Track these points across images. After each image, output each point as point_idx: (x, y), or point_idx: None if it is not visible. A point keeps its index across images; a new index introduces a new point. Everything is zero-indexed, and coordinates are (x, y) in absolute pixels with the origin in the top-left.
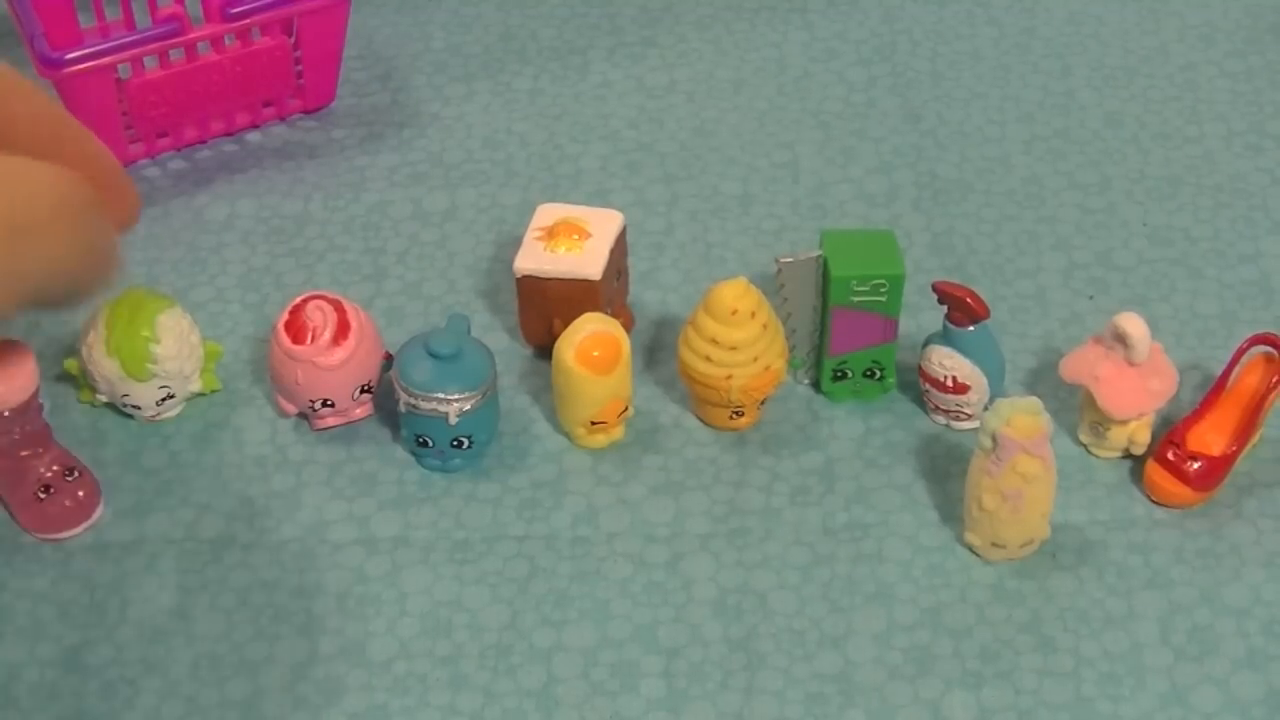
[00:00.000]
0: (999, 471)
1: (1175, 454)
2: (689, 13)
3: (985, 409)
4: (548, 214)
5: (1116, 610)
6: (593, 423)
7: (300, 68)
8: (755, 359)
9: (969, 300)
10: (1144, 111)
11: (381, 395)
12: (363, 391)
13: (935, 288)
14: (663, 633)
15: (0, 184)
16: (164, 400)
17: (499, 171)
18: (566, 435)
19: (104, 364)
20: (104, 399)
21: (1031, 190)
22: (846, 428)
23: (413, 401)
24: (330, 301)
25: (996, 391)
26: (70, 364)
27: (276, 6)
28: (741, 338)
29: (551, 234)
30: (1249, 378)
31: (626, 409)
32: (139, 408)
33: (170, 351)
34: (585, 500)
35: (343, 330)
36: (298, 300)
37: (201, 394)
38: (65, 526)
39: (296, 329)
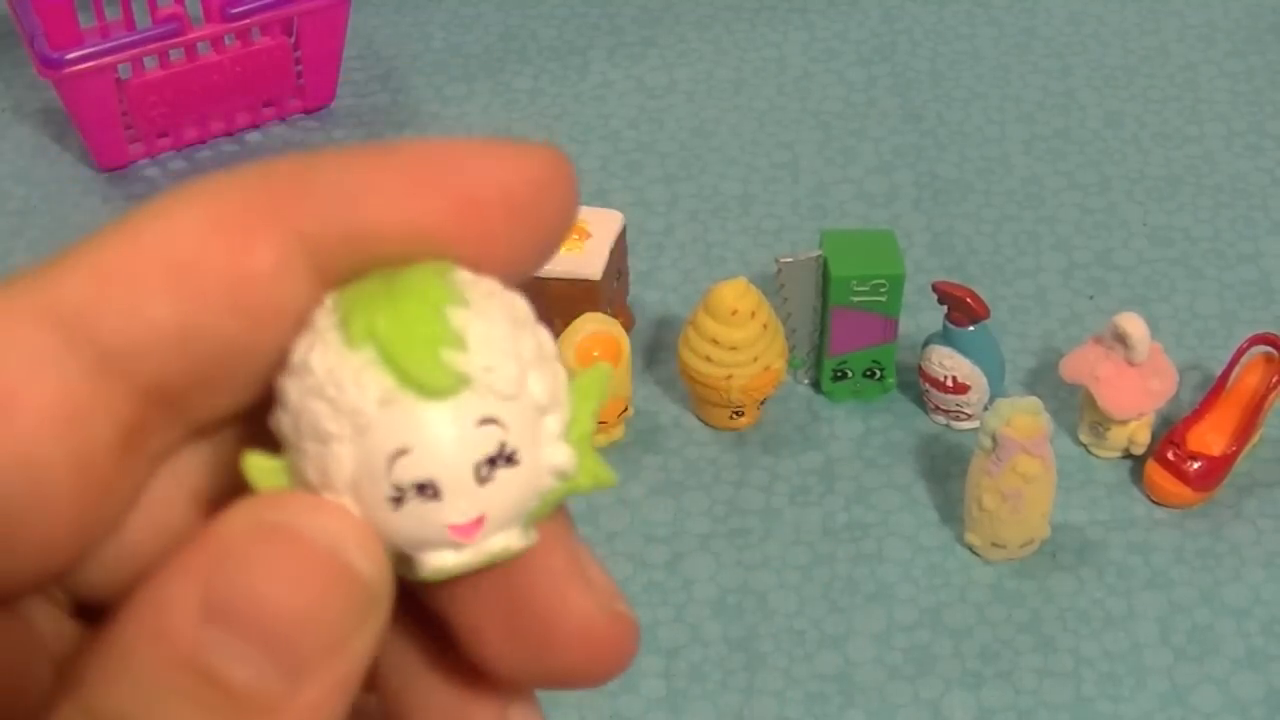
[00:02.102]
0: (999, 471)
1: (1175, 454)
2: (689, 13)
3: (985, 409)
4: None
5: (1116, 610)
6: None
7: (300, 68)
8: (755, 359)
9: (969, 300)
10: (1144, 111)
11: None
12: None
13: (935, 288)
14: (663, 633)
15: None
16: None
17: None
18: None
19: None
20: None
21: (1031, 190)
22: (846, 428)
23: None
24: None
25: (996, 391)
26: (255, 463)
27: (276, 6)
28: (741, 338)
29: None
30: (1249, 378)
31: (626, 409)
32: (435, 492)
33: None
34: (585, 500)
35: None
36: None
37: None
38: None
39: None
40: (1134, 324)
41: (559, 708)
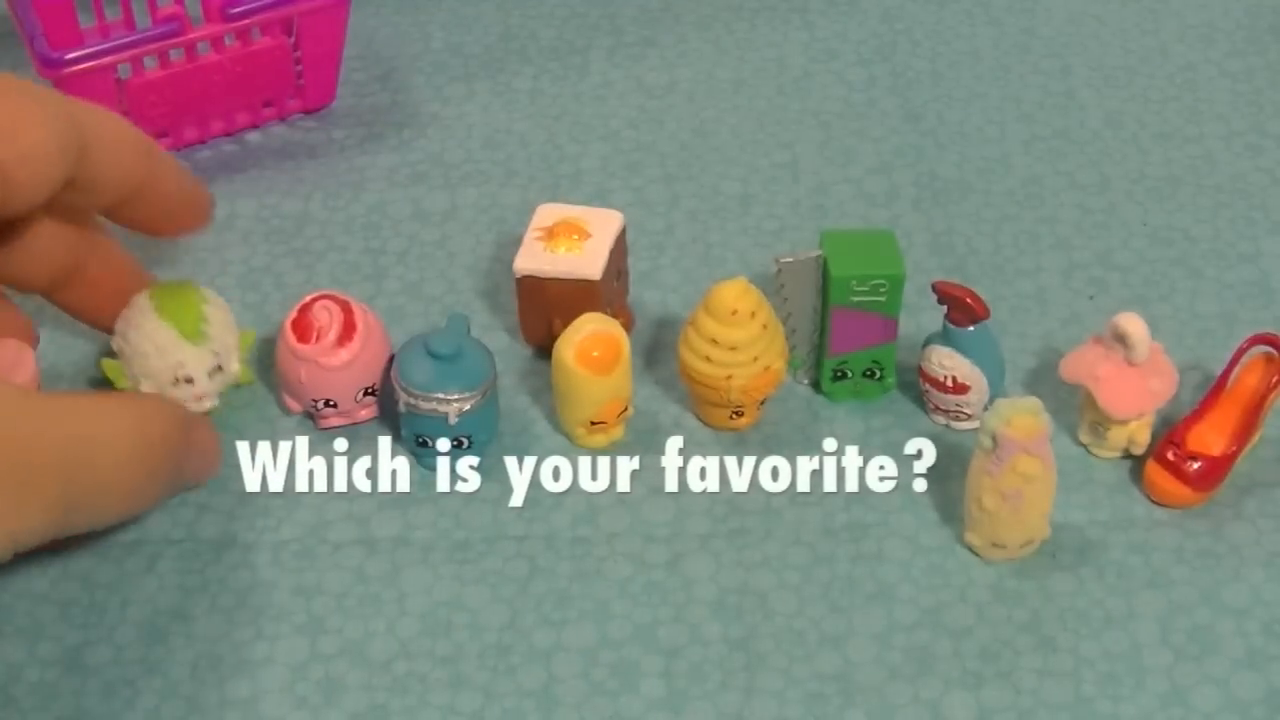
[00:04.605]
0: (999, 471)
1: (1175, 454)
2: (689, 13)
3: (985, 409)
4: (548, 214)
5: (1116, 610)
6: (593, 423)
7: (300, 68)
8: (755, 359)
9: (969, 300)
10: (1144, 111)
11: (383, 396)
12: (366, 394)
13: (935, 288)
14: (663, 633)
15: (77, 425)
16: (214, 373)
17: (499, 171)
18: (566, 435)
19: (156, 333)
20: (149, 386)
21: (1031, 190)
22: (846, 428)
23: (412, 401)
24: (339, 302)
25: (996, 392)
26: (108, 364)
27: (276, 6)
28: (741, 338)
29: (551, 234)
30: (1249, 378)
31: (626, 409)
32: (192, 380)
33: (220, 314)
34: (585, 500)
35: (348, 332)
36: (307, 299)
37: (237, 385)
38: None
39: (303, 328)
40: (1134, 324)
41: (559, 708)
